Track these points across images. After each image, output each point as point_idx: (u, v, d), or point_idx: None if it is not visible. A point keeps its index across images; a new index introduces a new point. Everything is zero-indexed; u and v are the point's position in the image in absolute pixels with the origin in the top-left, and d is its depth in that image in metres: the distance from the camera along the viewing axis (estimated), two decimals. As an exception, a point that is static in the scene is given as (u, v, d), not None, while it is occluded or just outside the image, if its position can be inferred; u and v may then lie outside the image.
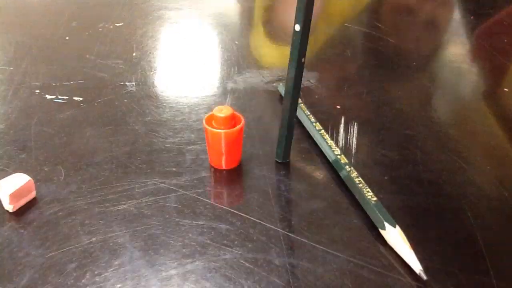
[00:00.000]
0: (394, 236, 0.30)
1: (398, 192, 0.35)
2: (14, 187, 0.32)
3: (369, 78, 0.51)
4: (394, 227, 0.30)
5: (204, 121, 0.35)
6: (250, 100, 0.46)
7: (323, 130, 0.39)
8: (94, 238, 0.31)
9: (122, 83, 0.48)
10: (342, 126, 0.42)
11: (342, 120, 0.43)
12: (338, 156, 0.36)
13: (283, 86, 0.46)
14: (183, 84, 0.48)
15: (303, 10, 0.29)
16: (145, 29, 0.60)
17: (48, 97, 0.45)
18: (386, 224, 0.31)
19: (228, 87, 0.48)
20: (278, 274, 0.29)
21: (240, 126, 0.35)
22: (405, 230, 0.31)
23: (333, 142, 0.38)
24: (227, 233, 0.31)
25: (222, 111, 0.34)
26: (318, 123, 0.40)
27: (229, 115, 0.34)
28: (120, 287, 0.28)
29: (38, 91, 0.46)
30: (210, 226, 0.32)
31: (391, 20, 0.68)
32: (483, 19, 0.68)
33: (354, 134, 0.41)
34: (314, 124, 0.40)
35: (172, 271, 0.29)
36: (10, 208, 0.32)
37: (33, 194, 0.33)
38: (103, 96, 0.45)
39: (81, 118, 0.42)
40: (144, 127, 0.41)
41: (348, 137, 0.41)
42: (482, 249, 0.31)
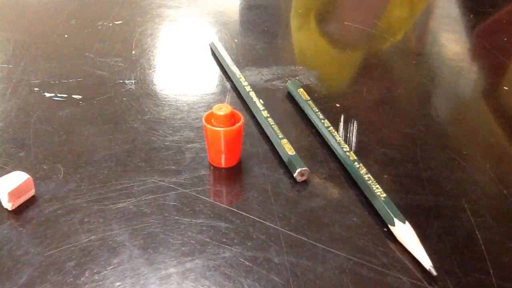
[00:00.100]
0: (405, 231, 0.30)
1: (397, 190, 0.35)
2: (13, 185, 0.32)
3: (368, 77, 0.51)
4: (404, 223, 0.31)
5: (203, 119, 0.35)
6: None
7: (332, 127, 0.39)
8: (93, 236, 0.31)
9: (121, 81, 0.48)
10: (341, 124, 0.42)
11: (342, 118, 0.43)
12: (347, 153, 0.37)
13: (292, 83, 0.46)
14: (182, 82, 0.48)
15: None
16: (144, 27, 0.60)
17: (47, 95, 0.45)
18: (396, 220, 0.31)
19: (227, 85, 0.48)
20: (277, 273, 0.29)
21: (239, 124, 0.35)
22: (404, 228, 0.31)
23: (341, 139, 0.38)
24: (227, 231, 0.31)
25: (221, 109, 0.34)
26: (326, 120, 0.40)
27: (228, 113, 0.34)
28: (119, 285, 0.28)
29: (37, 89, 0.46)
30: (209, 224, 0.32)
31: (391, 18, 0.68)
32: (483, 18, 0.68)
33: (354, 133, 0.41)
34: (323, 121, 0.40)
35: (171, 269, 0.29)
36: (9, 206, 0.32)
37: (32, 192, 0.33)
38: (102, 94, 0.45)
39: (80, 116, 0.42)
40: (143, 125, 0.41)
41: (347, 135, 0.41)
42: (481, 247, 0.31)
